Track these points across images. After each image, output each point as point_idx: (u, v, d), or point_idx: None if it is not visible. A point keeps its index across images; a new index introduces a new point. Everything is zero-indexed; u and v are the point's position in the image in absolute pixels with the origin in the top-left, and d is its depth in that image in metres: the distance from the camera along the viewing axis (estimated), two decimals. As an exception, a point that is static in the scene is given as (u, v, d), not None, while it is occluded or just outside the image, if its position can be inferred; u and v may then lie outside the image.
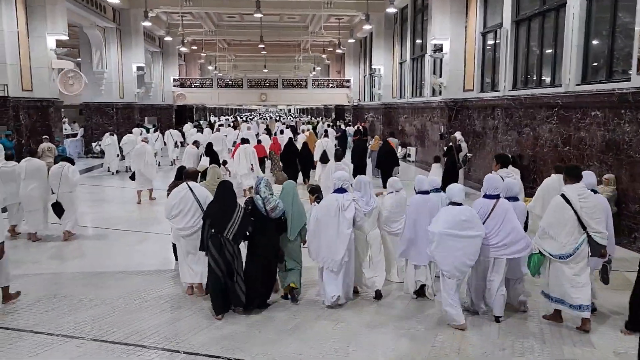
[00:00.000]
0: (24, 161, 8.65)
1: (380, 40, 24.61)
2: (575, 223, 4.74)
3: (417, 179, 5.84)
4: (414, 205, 5.55)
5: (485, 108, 14.01)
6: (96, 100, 21.96)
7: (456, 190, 5.12)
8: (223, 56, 43.58)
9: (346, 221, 5.25)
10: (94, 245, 8.45)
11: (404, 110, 22.42)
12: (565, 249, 4.76)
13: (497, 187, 5.18)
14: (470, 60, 15.17)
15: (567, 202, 4.79)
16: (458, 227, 4.85)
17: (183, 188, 5.76)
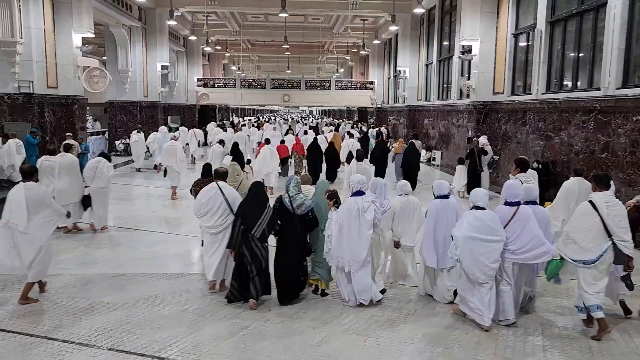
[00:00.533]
0: (58, 156, 8.92)
1: (406, 41, 24.19)
2: (601, 230, 4.76)
3: (436, 183, 5.84)
4: (434, 209, 5.59)
5: (515, 112, 13.52)
6: (121, 99, 22.06)
7: (480, 194, 5.16)
8: (246, 57, 43.63)
9: (367, 222, 5.37)
10: (115, 246, 8.31)
11: (429, 113, 21.97)
12: (589, 255, 4.77)
13: (517, 194, 5.20)
14: (500, 62, 14.69)
15: (594, 208, 4.81)
16: (481, 231, 4.89)
17: (213, 187, 5.91)
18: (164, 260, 7.47)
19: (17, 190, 5.63)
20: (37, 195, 5.62)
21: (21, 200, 5.48)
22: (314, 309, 5.57)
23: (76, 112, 14.86)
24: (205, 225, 5.98)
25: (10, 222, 5.51)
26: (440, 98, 21.05)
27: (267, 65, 49.10)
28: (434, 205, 5.63)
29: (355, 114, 43.05)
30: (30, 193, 5.57)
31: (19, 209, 5.46)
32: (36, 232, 5.53)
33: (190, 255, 7.85)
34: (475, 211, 5.05)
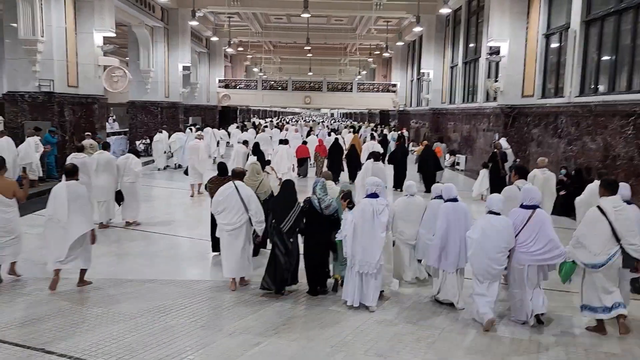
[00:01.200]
0: (96, 154, 9.39)
1: (431, 43, 23.66)
2: (610, 234, 4.84)
3: (445, 187, 5.89)
4: (444, 213, 5.63)
5: (546, 115, 12.93)
6: (142, 99, 22.02)
7: (495, 200, 5.30)
8: (268, 58, 43.55)
9: (381, 225, 5.43)
10: (126, 249, 8.03)
11: (454, 116, 21.40)
12: (597, 259, 4.85)
13: (534, 197, 5.27)
14: (530, 63, 14.10)
15: (603, 213, 4.91)
16: (493, 237, 5.06)
17: (229, 186, 6.13)
18: (176, 266, 7.17)
19: (60, 187, 6.00)
20: (77, 193, 5.97)
21: (63, 197, 5.86)
22: (331, 325, 5.19)
23: (96, 112, 14.78)
24: (222, 223, 6.14)
25: (54, 217, 5.88)
26: (465, 101, 20.46)
27: (288, 67, 48.98)
28: (445, 208, 5.66)
29: (377, 117, 42.50)
30: (71, 190, 5.93)
31: (61, 205, 5.84)
32: (76, 226, 5.88)
33: (203, 260, 7.53)
34: (490, 216, 5.19)
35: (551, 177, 9.03)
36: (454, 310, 5.58)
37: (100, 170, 9.01)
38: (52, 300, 5.62)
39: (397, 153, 14.64)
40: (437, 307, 5.69)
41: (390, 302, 5.82)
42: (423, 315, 5.48)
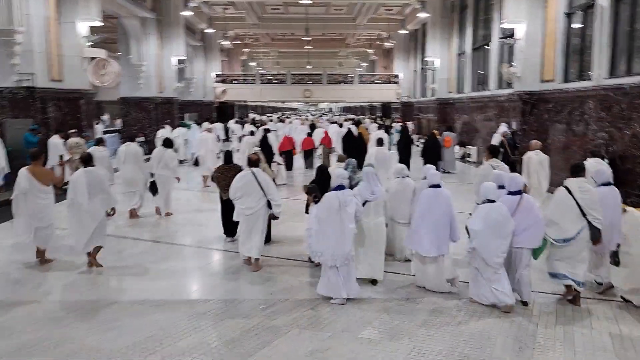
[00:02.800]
0: (123, 146, 9.70)
1: (436, 30, 22.57)
2: (577, 211, 5.26)
3: (430, 173, 5.92)
4: (425, 198, 5.71)
5: (570, 101, 11.91)
6: (134, 95, 20.97)
7: (491, 188, 5.37)
8: (266, 52, 42.49)
9: (349, 216, 5.40)
10: (116, 262, 6.96)
11: (462, 106, 20.38)
12: (568, 234, 5.28)
13: (518, 183, 5.53)
14: (550, 45, 13.05)
15: (569, 193, 5.34)
16: (493, 225, 5.17)
17: (247, 173, 6.48)
18: (170, 282, 6.12)
19: (79, 174, 6.42)
20: (95, 179, 6.41)
21: (82, 183, 6.31)
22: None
23: (83, 108, 13.74)
24: (240, 207, 6.43)
25: (75, 200, 6.33)
26: (475, 89, 19.44)
27: (286, 61, 47.90)
28: (425, 194, 5.76)
29: (379, 110, 41.47)
30: (90, 176, 6.37)
31: (81, 190, 6.29)
32: (95, 209, 6.37)
33: (202, 275, 6.57)
34: (489, 205, 5.28)
35: (545, 159, 9.52)
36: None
37: (128, 162, 9.33)
38: (17, 332, 4.64)
39: (400, 143, 15.02)
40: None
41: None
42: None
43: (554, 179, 12.57)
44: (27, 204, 6.48)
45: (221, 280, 6.18)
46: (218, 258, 7.30)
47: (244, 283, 6.04)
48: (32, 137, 11.82)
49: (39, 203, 6.52)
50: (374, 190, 5.85)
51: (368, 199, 5.79)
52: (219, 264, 7.06)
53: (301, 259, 6.76)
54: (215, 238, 7.91)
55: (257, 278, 6.15)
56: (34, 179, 6.49)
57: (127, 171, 9.35)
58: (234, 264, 6.73)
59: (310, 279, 6.10)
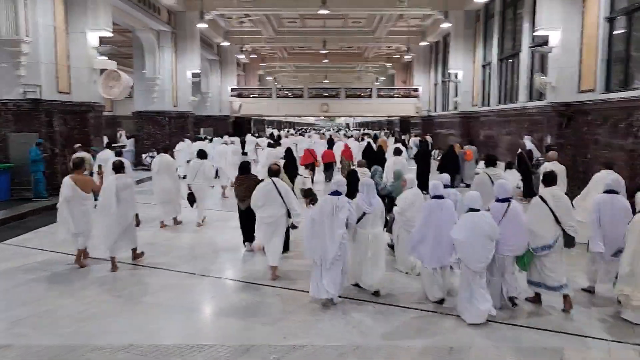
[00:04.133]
0: (158, 157, 9.92)
1: (459, 41, 21.71)
2: (552, 219, 5.39)
3: (433, 184, 5.94)
4: (428, 209, 5.72)
5: (615, 111, 10.90)
6: (148, 109, 20.43)
7: (475, 197, 5.39)
8: (283, 67, 42.04)
9: (339, 221, 5.52)
10: (101, 295, 6.10)
11: (488, 120, 19.38)
12: (545, 241, 5.40)
13: (507, 190, 5.57)
14: (589, 53, 12.08)
15: (544, 202, 5.47)
16: (477, 233, 5.16)
17: (268, 183, 6.64)
18: (160, 320, 5.23)
19: (111, 180, 6.92)
20: (125, 184, 6.95)
21: (112, 189, 6.75)
22: None
23: (91, 121, 13.11)
24: (261, 216, 6.58)
25: (104, 205, 6.75)
26: (502, 102, 18.47)
27: (304, 75, 47.41)
28: (428, 205, 5.80)
29: (397, 125, 40.56)
30: (120, 182, 6.89)
31: (110, 196, 6.74)
32: (122, 214, 6.81)
33: (201, 310, 5.67)
34: (472, 214, 5.27)
35: (562, 170, 9.84)
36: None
37: (162, 172, 9.61)
38: None
39: (418, 156, 15.36)
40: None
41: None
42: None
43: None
44: (70, 210, 6.88)
45: (233, 319, 5.27)
46: (231, 289, 6.43)
47: (255, 322, 5.14)
48: (37, 152, 11.20)
49: (80, 209, 6.94)
50: (372, 202, 5.84)
51: (366, 211, 5.79)
52: (232, 295, 6.17)
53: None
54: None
55: (270, 315, 5.28)
56: (76, 187, 6.91)
57: (161, 181, 9.62)
58: (246, 296, 5.90)
59: (328, 315, 5.25)
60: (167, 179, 9.60)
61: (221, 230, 9.36)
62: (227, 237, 8.74)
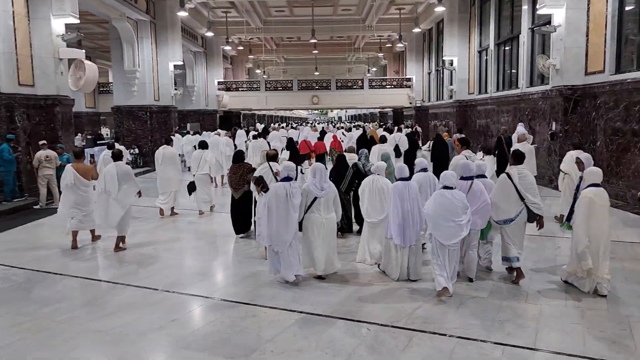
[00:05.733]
0: (161, 148, 10.09)
1: (454, 26, 20.73)
2: (516, 195, 5.72)
3: (398, 166, 6.22)
4: (397, 191, 5.88)
5: (628, 94, 10.00)
6: (128, 103, 19.34)
7: (448, 175, 5.56)
8: (271, 60, 40.89)
9: (294, 206, 5.68)
10: (39, 320, 5.15)
11: (486, 108, 18.45)
12: (508, 215, 5.76)
13: (471, 169, 5.92)
14: (597, 32, 11.17)
15: (510, 178, 5.77)
16: (449, 209, 5.37)
17: (265, 166, 7.36)
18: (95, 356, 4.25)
19: (111, 167, 7.41)
20: (124, 170, 7.43)
21: (113, 174, 7.27)
22: None
23: (58, 116, 12.04)
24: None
25: (106, 190, 7.25)
26: (500, 89, 17.54)
27: (293, 68, 46.30)
28: (396, 187, 5.93)
29: (389, 117, 39.60)
30: (119, 169, 7.36)
31: (112, 181, 7.24)
32: (123, 198, 7.34)
33: (154, 340, 4.56)
34: (444, 190, 5.49)
35: (531, 149, 10.52)
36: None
37: (166, 163, 9.84)
38: None
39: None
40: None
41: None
42: None
43: (610, 191, 10.67)
44: (73, 196, 7.45)
45: (191, 354, 4.32)
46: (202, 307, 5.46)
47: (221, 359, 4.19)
48: (9, 151, 10.25)
49: (82, 195, 7.52)
50: (323, 186, 5.88)
51: (317, 195, 5.83)
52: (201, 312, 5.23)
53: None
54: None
55: (242, 347, 4.29)
56: (78, 175, 7.49)
57: (165, 172, 9.82)
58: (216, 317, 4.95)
59: (313, 343, 4.28)
60: (171, 169, 9.85)
61: (211, 222, 9.58)
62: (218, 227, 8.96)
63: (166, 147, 10.09)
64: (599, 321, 4.67)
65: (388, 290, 5.57)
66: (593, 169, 5.60)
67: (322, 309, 4.97)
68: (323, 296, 5.35)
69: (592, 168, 5.68)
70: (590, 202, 5.25)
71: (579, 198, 5.44)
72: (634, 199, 9.49)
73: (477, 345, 4.22)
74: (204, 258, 7.26)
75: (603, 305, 5.05)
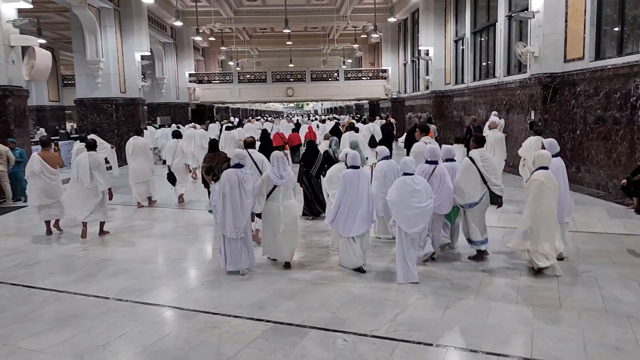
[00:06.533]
0: (132, 139, 10.06)
1: (429, 15, 20.33)
2: (479, 178, 5.77)
3: (350, 155, 5.99)
4: (347, 178, 5.77)
5: (608, 80, 9.72)
6: (92, 96, 18.39)
7: (408, 162, 5.64)
8: (244, 52, 40.00)
9: (247, 192, 5.69)
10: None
11: (463, 98, 18.15)
12: (472, 199, 5.83)
13: (437, 154, 6.02)
14: (576, 17, 10.88)
15: (473, 162, 5.81)
16: (410, 195, 5.38)
17: (244, 153, 6.53)
18: None
19: (83, 157, 7.55)
20: (96, 160, 7.56)
21: (86, 164, 7.42)
22: None
23: (10, 109, 11.17)
24: None
25: (79, 179, 7.43)
26: (477, 78, 17.24)
27: (267, 60, 45.43)
28: (345, 175, 5.83)
29: (366, 110, 39.18)
30: (92, 159, 7.49)
31: (84, 170, 7.40)
32: (96, 187, 7.49)
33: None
34: (404, 177, 5.52)
35: (501, 137, 10.72)
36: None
37: (137, 154, 9.81)
38: None
39: (382, 134, 15.17)
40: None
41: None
42: None
43: (591, 181, 10.42)
44: (40, 184, 7.57)
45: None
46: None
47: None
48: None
49: (49, 183, 7.64)
50: (282, 174, 5.86)
51: (276, 183, 5.82)
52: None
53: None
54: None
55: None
56: (45, 162, 7.63)
57: (137, 163, 9.80)
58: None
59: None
60: (142, 160, 9.84)
61: (189, 212, 9.51)
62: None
63: (137, 138, 10.07)
64: (597, 324, 4.27)
65: (364, 291, 5.09)
66: (542, 152, 5.70)
67: (292, 317, 4.46)
68: (293, 301, 4.84)
69: (541, 151, 5.79)
70: (541, 184, 5.35)
71: (529, 180, 5.58)
72: (616, 189, 9.24)
73: (469, 356, 3.76)
74: (169, 256, 6.70)
75: (600, 304, 4.66)
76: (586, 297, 4.82)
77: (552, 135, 11.51)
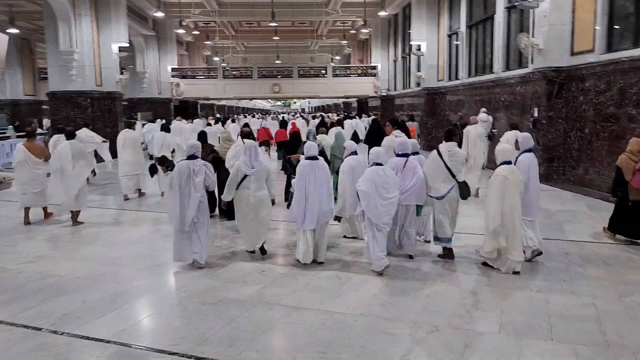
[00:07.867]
0: (122, 132, 10.36)
1: (422, 9, 19.52)
2: (446, 172, 5.74)
3: (307, 145, 6.06)
4: (302, 170, 5.73)
5: (622, 74, 8.97)
6: (65, 89, 17.27)
7: (379, 152, 5.71)
8: (229, 47, 38.92)
9: (197, 185, 5.63)
10: None
11: (457, 95, 17.38)
12: (440, 192, 5.79)
13: (407, 147, 6.07)
14: (585, 6, 10.13)
15: (440, 155, 5.79)
16: (380, 185, 5.44)
17: (239, 143, 7.72)
18: None
19: (65, 145, 7.92)
20: (77, 148, 7.93)
21: (67, 152, 7.77)
22: None
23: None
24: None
25: (61, 167, 7.75)
26: (473, 74, 16.47)
27: (254, 56, 44.36)
28: (302, 166, 5.79)
29: (354, 109, 38.34)
30: (73, 147, 7.86)
31: (66, 158, 7.73)
32: (78, 174, 7.79)
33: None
34: (375, 167, 5.57)
35: (482, 132, 10.24)
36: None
37: (127, 147, 10.02)
38: None
39: (370, 131, 14.07)
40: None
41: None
42: None
43: (602, 184, 9.68)
44: (25, 174, 7.85)
45: None
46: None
47: None
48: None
49: (34, 172, 7.92)
50: (254, 164, 5.89)
51: (246, 172, 5.85)
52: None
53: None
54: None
55: None
56: (29, 153, 7.86)
57: (126, 156, 9.99)
58: None
59: None
60: (132, 153, 10.05)
61: None
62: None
63: (128, 131, 10.37)
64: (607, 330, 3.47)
65: (349, 319, 4.22)
66: (505, 147, 5.65)
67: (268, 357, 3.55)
68: (264, 334, 3.94)
69: (503, 145, 5.73)
70: (504, 180, 5.28)
71: (492, 176, 5.47)
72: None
73: None
74: (135, 265, 5.85)
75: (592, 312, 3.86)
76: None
77: (558, 134, 10.77)
